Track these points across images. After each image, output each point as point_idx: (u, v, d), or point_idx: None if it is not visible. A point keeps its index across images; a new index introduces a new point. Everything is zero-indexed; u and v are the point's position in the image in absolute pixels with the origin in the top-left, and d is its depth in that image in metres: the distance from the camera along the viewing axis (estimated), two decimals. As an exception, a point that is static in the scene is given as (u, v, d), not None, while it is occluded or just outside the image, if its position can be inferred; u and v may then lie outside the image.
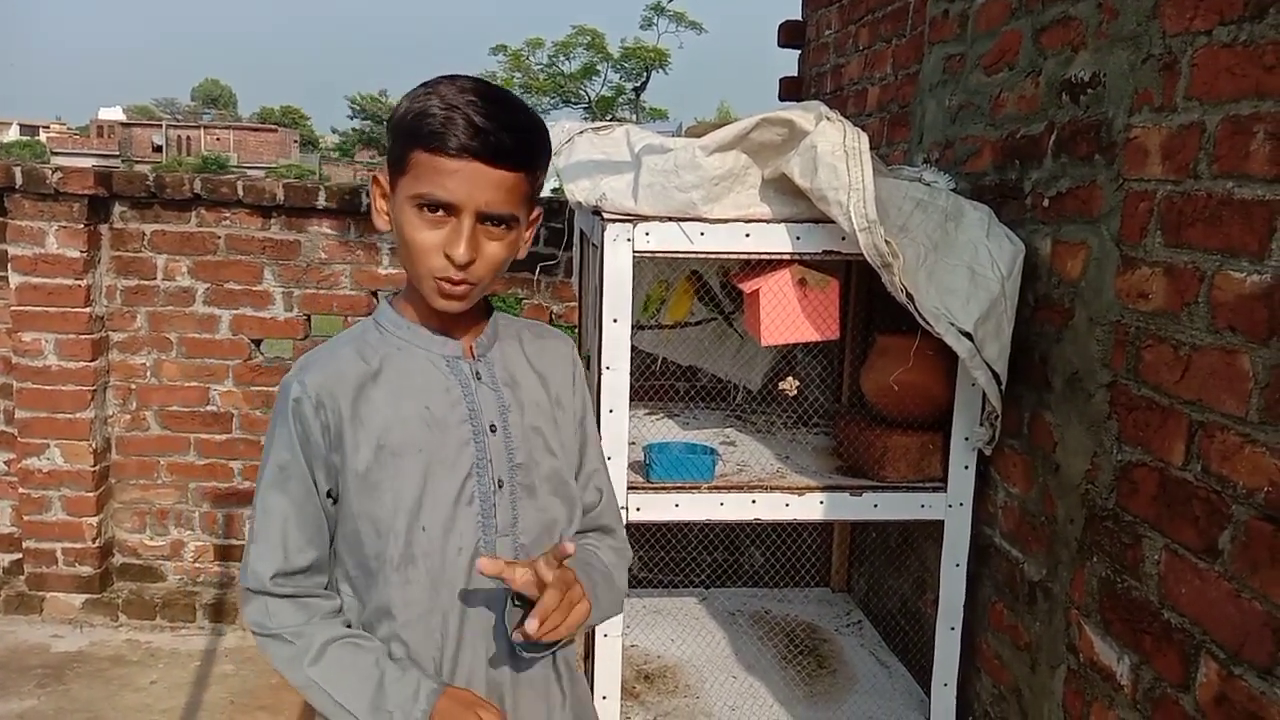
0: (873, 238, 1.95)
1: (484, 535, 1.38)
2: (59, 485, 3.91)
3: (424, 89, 1.29)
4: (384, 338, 1.41)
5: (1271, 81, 1.43)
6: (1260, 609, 1.42)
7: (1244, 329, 1.47)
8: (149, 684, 3.55)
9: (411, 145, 1.27)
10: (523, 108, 1.32)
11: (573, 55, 41.34)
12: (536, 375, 1.48)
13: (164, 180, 3.88)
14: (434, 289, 1.32)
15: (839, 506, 2.29)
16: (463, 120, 1.23)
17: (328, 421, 1.35)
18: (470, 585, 1.38)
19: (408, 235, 1.30)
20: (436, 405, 1.38)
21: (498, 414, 1.41)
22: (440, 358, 1.40)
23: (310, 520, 1.38)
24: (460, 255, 1.27)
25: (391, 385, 1.38)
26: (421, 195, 1.27)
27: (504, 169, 1.27)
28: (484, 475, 1.39)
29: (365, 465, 1.35)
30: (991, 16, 2.35)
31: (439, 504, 1.36)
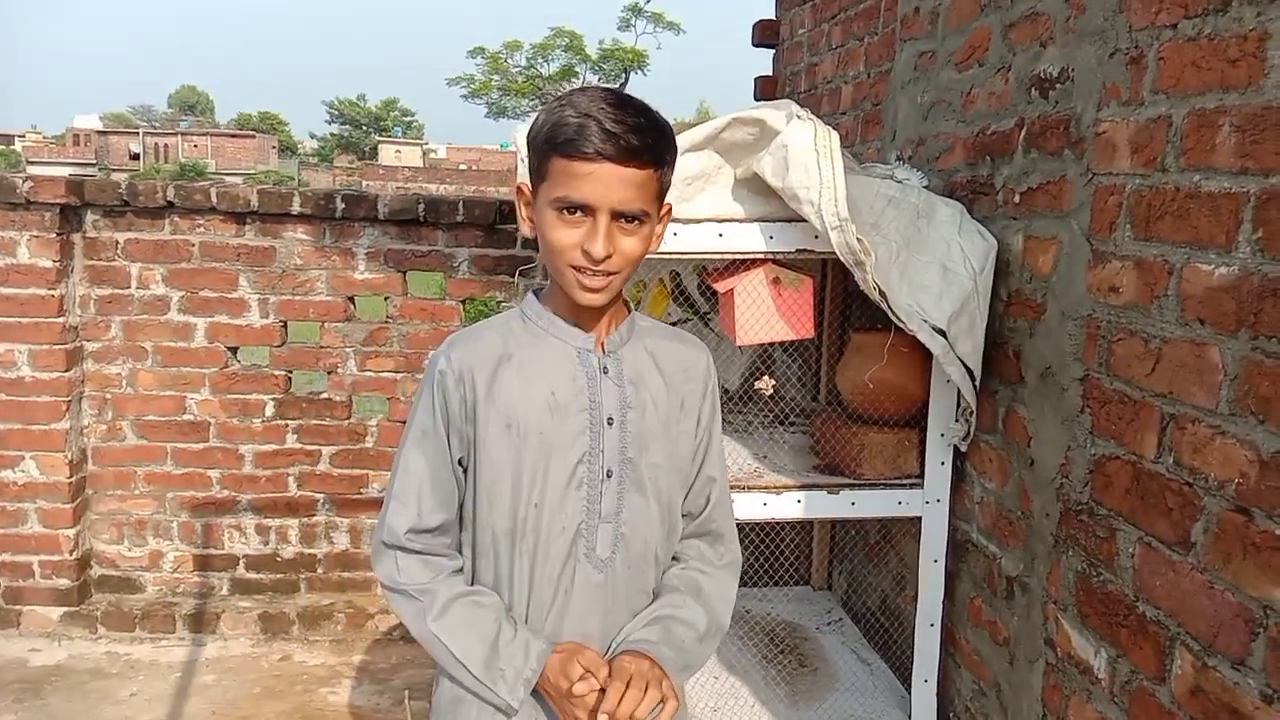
0: (844, 236, 1.95)
1: (587, 519, 1.48)
2: (35, 498, 3.87)
3: (558, 101, 1.40)
4: (525, 325, 1.52)
5: (1235, 74, 1.44)
6: (1233, 600, 1.43)
7: (1213, 321, 1.48)
8: (129, 696, 3.52)
9: (549, 153, 1.37)
10: (648, 111, 1.40)
11: (551, 57, 41.33)
12: (663, 378, 1.55)
13: (137, 188, 3.85)
14: (575, 282, 1.41)
15: (816, 505, 2.29)
16: (595, 126, 1.32)
17: (465, 395, 1.47)
18: (568, 562, 1.48)
19: (549, 236, 1.40)
20: (561, 392, 1.48)
21: (618, 409, 1.50)
22: (572, 348, 1.50)
23: (443, 484, 1.50)
24: (598, 250, 1.36)
25: (524, 369, 1.48)
26: (560, 198, 1.37)
27: (634, 168, 1.35)
28: (594, 463, 1.48)
29: (493, 440, 1.46)
30: (961, 13, 2.35)
31: (551, 484, 1.47)
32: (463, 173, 39.11)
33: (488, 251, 3.94)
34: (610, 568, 1.50)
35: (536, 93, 40.96)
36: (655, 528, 1.55)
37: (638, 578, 1.54)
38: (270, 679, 3.63)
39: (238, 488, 4.02)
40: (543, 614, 1.49)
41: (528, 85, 40.99)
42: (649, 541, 1.54)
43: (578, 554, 1.49)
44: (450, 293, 3.97)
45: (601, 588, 1.50)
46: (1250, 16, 1.41)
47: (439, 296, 3.96)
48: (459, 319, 3.97)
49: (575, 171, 1.35)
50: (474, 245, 3.93)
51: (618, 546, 1.51)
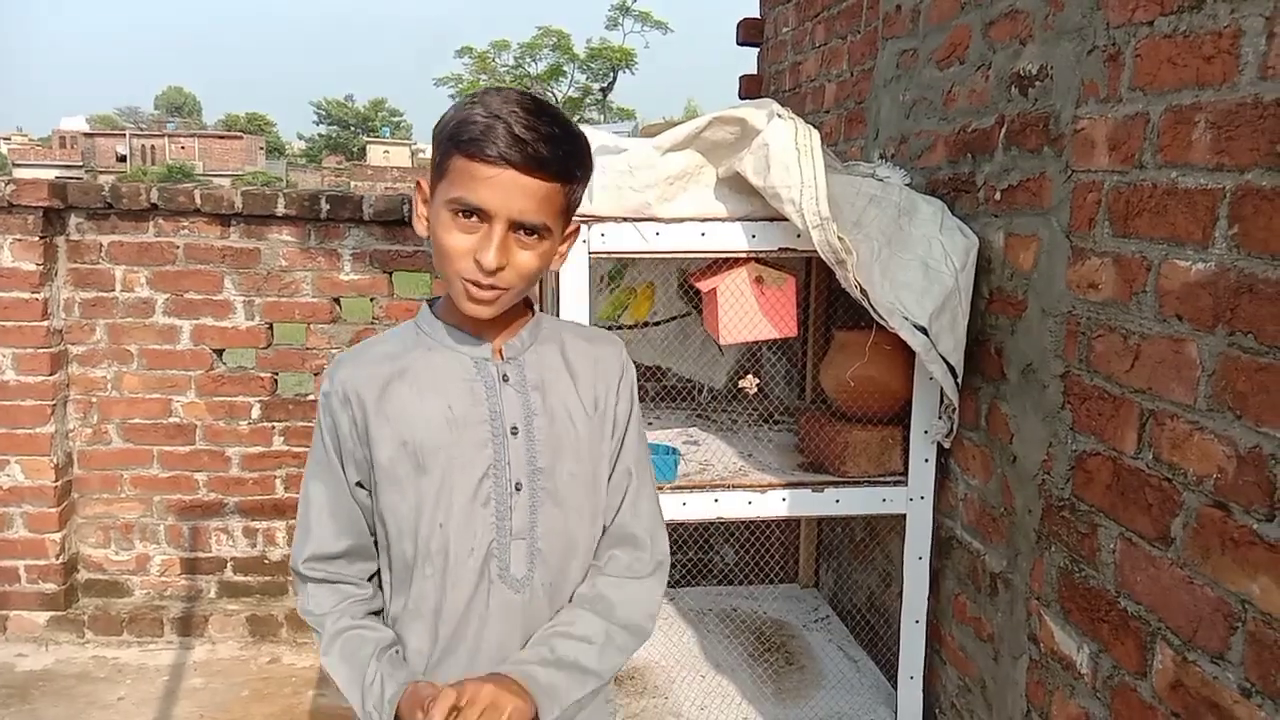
0: (825, 234, 1.95)
1: (498, 537, 1.40)
2: (20, 502, 3.86)
3: (469, 98, 1.32)
4: (419, 337, 1.45)
5: (1211, 71, 1.44)
6: (1212, 595, 1.43)
7: (1190, 317, 1.48)
8: (116, 700, 3.51)
9: (451, 151, 1.29)
10: (564, 120, 1.33)
11: (539, 57, 41.25)
12: (574, 380, 1.48)
13: (120, 190, 3.83)
14: (462, 292, 1.34)
15: (801, 503, 2.29)
16: (503, 129, 1.25)
17: (355, 416, 1.40)
18: (481, 584, 1.40)
19: (441, 238, 1.32)
20: (458, 404, 1.40)
21: (522, 417, 1.42)
22: (468, 358, 1.43)
23: (344, 509, 1.44)
24: (489, 261, 1.29)
25: (417, 383, 1.41)
26: (456, 200, 1.29)
27: (540, 179, 1.28)
28: (501, 477, 1.40)
29: (388, 460, 1.39)
30: (942, 11, 2.36)
31: (455, 503, 1.39)
32: (451, 172, 38.97)
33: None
34: (528, 587, 1.41)
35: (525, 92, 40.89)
36: (575, 541, 1.46)
37: (560, 595, 1.45)
38: (259, 681, 3.62)
39: (225, 490, 4.01)
40: (460, 641, 1.41)
41: (515, 84, 40.95)
42: (570, 555, 1.45)
43: (490, 575, 1.40)
44: (436, 292, 3.96)
45: (521, 609, 1.41)
46: (1224, 13, 1.41)
47: (425, 297, 3.96)
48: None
49: (476, 173, 1.27)
50: (460, 246, 3.93)
51: (535, 563, 1.41)
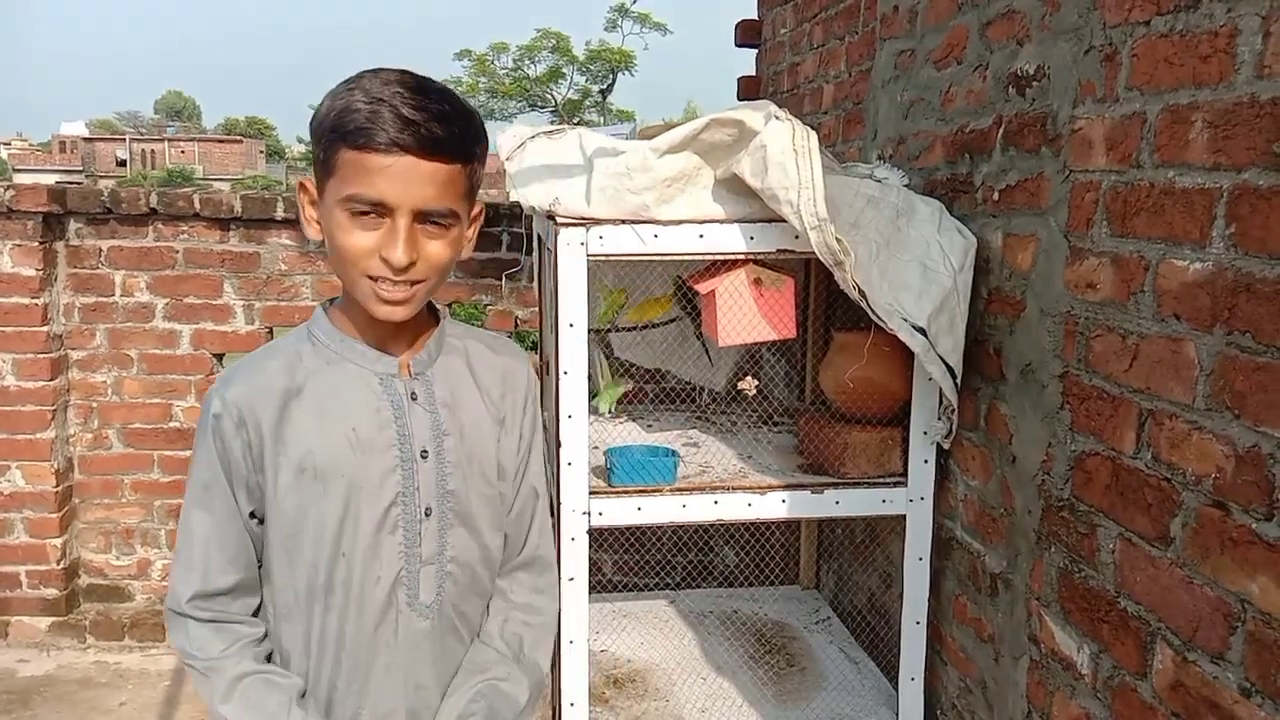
0: (823, 236, 1.95)
1: (407, 565, 1.33)
2: (21, 507, 3.87)
3: (345, 85, 1.22)
4: (316, 350, 1.34)
5: (1207, 71, 1.44)
6: (1211, 595, 1.43)
7: (1188, 317, 1.48)
8: (118, 705, 3.52)
9: (337, 144, 1.19)
10: (453, 96, 1.25)
11: (538, 59, 41.31)
12: (481, 394, 1.41)
13: (119, 195, 3.84)
14: (371, 295, 1.24)
15: (801, 504, 2.29)
16: (390, 113, 1.16)
17: (249, 440, 1.29)
18: (388, 614, 1.33)
19: (339, 240, 1.22)
20: (363, 427, 1.31)
21: (432, 438, 1.34)
22: (373, 375, 1.33)
23: (233, 541, 1.31)
24: (398, 258, 1.20)
25: (317, 403, 1.31)
26: (351, 196, 1.19)
27: (439, 161, 1.19)
28: (410, 503, 1.33)
29: (287, 489, 1.28)
30: (939, 11, 2.36)
31: (361, 531, 1.30)
32: (451, 175, 39.00)
33: (473, 255, 3.92)
34: (436, 612, 1.35)
35: (524, 94, 40.96)
36: (482, 562, 1.40)
37: (467, 618, 1.40)
38: (260, 686, 3.62)
39: (225, 495, 4.01)
40: (363, 674, 1.32)
41: (515, 87, 40.97)
42: (477, 577, 1.40)
43: (398, 604, 1.32)
44: (436, 296, 3.96)
45: (429, 635, 1.35)
46: (1220, 13, 1.41)
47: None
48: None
49: (368, 165, 1.16)
50: (459, 249, 3.93)
51: (443, 588, 1.35)
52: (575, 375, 2.12)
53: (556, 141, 2.27)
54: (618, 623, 2.94)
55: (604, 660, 2.72)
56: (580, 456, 2.15)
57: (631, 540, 3.92)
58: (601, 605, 3.05)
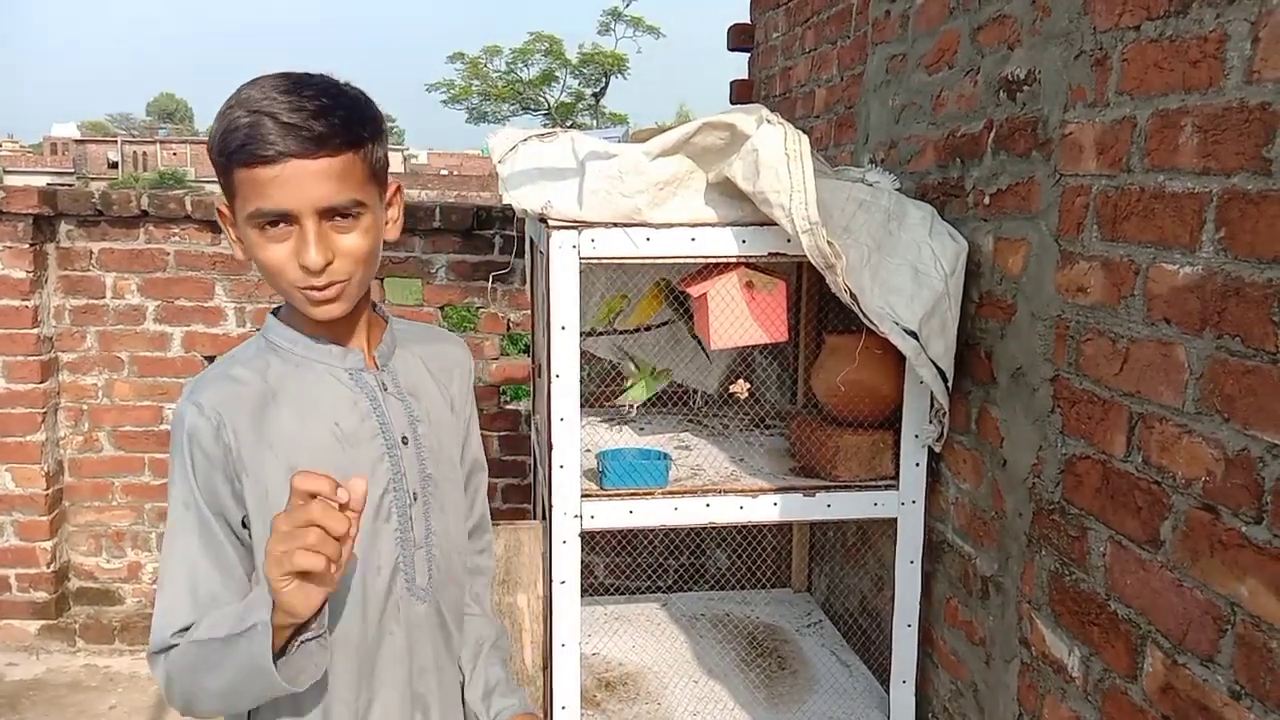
0: (815, 239, 1.96)
1: (403, 550, 1.35)
2: (11, 510, 3.85)
3: (228, 102, 1.21)
4: (281, 356, 1.33)
5: (1197, 76, 1.45)
6: (1201, 598, 1.44)
7: (1178, 321, 1.49)
8: (108, 709, 3.50)
9: (230, 166, 1.19)
10: (332, 86, 1.23)
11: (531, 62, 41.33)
12: (435, 382, 1.44)
13: (110, 198, 3.84)
14: (304, 301, 1.25)
15: (793, 507, 2.29)
16: (269, 121, 1.15)
17: (229, 443, 1.26)
18: (389, 603, 1.34)
19: (258, 257, 1.23)
20: (346, 421, 1.32)
21: (408, 425, 1.37)
22: (343, 371, 1.34)
23: (224, 562, 1.27)
24: (313, 260, 1.20)
25: (296, 404, 1.30)
26: (254, 213, 1.20)
27: (326, 156, 1.18)
28: (400, 489, 1.35)
29: (277, 491, 1.24)
30: (931, 16, 2.36)
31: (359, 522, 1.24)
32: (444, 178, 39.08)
33: (465, 258, 3.94)
34: (431, 594, 1.38)
35: (517, 97, 40.96)
36: (457, 540, 1.45)
37: (455, 596, 1.45)
38: (250, 689, 3.61)
39: (216, 498, 4.00)
40: (369, 667, 1.34)
41: (508, 90, 40.97)
42: (454, 556, 1.44)
43: (398, 590, 1.34)
44: (428, 299, 3.96)
45: (427, 617, 1.38)
46: (1210, 18, 1.42)
47: (417, 303, 3.96)
48: (437, 325, 3.97)
49: (260, 179, 1.17)
50: (451, 251, 3.93)
51: (433, 571, 1.38)
52: (567, 378, 2.12)
53: (549, 145, 2.27)
54: (609, 626, 2.94)
55: (596, 663, 2.72)
56: (572, 459, 2.15)
57: (623, 543, 3.92)
58: (593, 608, 3.05)
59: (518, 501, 4.08)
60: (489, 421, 4.05)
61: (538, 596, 2.56)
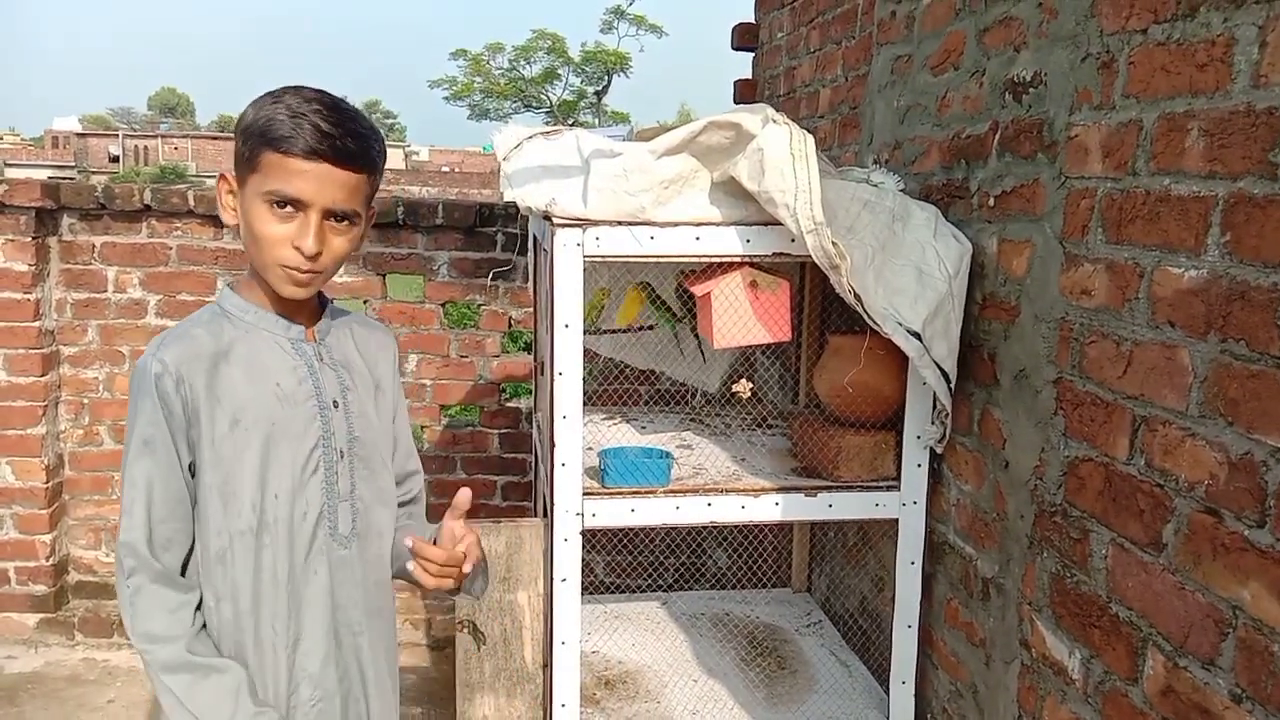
0: (820, 239, 1.96)
1: (328, 500, 1.54)
2: (10, 503, 3.84)
3: (270, 98, 1.42)
4: (232, 321, 1.52)
5: (1204, 79, 1.45)
6: (1203, 601, 1.44)
7: (1183, 324, 1.49)
8: (106, 703, 3.50)
9: (262, 146, 1.39)
10: (361, 116, 1.46)
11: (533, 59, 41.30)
12: (363, 360, 1.65)
13: (113, 191, 3.83)
14: (283, 277, 1.45)
15: (794, 507, 2.29)
16: (310, 126, 1.37)
17: (186, 396, 1.45)
18: (314, 544, 1.53)
19: (258, 229, 1.43)
20: (285, 382, 1.52)
21: (339, 391, 1.57)
22: (285, 340, 1.54)
23: (174, 495, 1.47)
24: (309, 247, 1.41)
25: (244, 364, 1.50)
26: (273, 192, 1.40)
27: (349, 170, 1.42)
28: (329, 446, 1.55)
29: (220, 439, 1.46)
30: (937, 17, 2.36)
31: (289, 473, 1.50)
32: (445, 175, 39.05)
33: (467, 254, 3.93)
34: (353, 542, 1.58)
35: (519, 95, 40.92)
36: (381, 497, 1.64)
37: (375, 546, 1.62)
38: (249, 684, 3.61)
39: (216, 492, 4.00)
40: (297, 602, 1.53)
41: (510, 87, 40.94)
42: (380, 511, 1.63)
43: (322, 535, 1.54)
44: (430, 296, 3.96)
45: (348, 562, 1.57)
46: (1218, 22, 1.42)
47: (419, 300, 3.95)
48: (439, 321, 3.97)
49: (290, 168, 1.38)
50: (453, 248, 3.93)
51: (356, 521, 1.58)
52: (570, 376, 2.12)
53: (554, 142, 2.27)
54: (609, 624, 2.95)
55: (595, 661, 2.72)
56: (574, 457, 2.15)
57: (623, 542, 3.92)
58: (593, 606, 3.06)
59: (518, 499, 4.07)
60: (490, 419, 4.05)
61: (538, 594, 2.56)
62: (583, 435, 2.17)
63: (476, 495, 1.88)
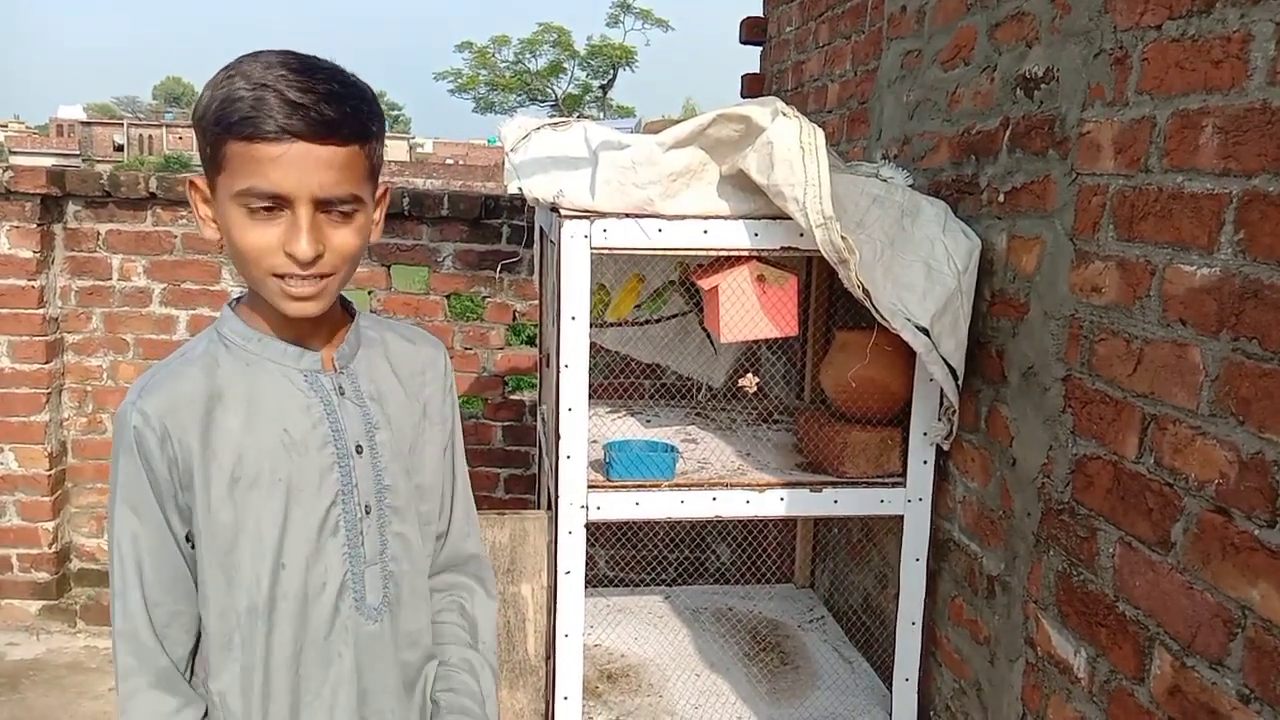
0: (829, 234, 1.95)
1: (351, 567, 1.27)
2: (13, 490, 3.85)
3: (224, 72, 1.13)
4: (231, 353, 1.24)
5: (1219, 76, 1.44)
6: (1211, 600, 1.43)
7: (1194, 322, 1.48)
8: (107, 690, 3.50)
9: (223, 136, 1.11)
10: (340, 72, 1.15)
11: (539, 53, 41.26)
12: (402, 385, 1.35)
13: (119, 179, 3.83)
14: (279, 293, 1.16)
15: (799, 503, 2.29)
16: (275, 98, 1.08)
17: (175, 455, 1.19)
18: (336, 620, 1.27)
19: (238, 240, 1.14)
20: (295, 427, 1.23)
21: (364, 433, 1.28)
22: (297, 372, 1.25)
23: (169, 567, 1.23)
24: (304, 251, 1.12)
25: (243, 407, 1.22)
26: (245, 191, 1.11)
27: (333, 144, 1.11)
28: (350, 501, 1.26)
29: (220, 502, 1.20)
30: (948, 11, 2.35)
31: (302, 537, 1.24)
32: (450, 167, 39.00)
33: (472, 246, 3.93)
34: (384, 615, 1.30)
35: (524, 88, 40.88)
36: (421, 556, 1.36)
37: (414, 616, 1.35)
38: (250, 674, 3.61)
39: (219, 482, 4.00)
40: (317, 685, 1.27)
41: (515, 80, 40.90)
42: (419, 572, 1.36)
43: (345, 609, 1.27)
44: (434, 287, 3.96)
45: (378, 638, 1.30)
46: (1234, 18, 1.41)
47: (423, 291, 3.95)
48: (443, 313, 3.96)
49: (259, 156, 1.09)
50: (458, 240, 3.92)
51: (388, 589, 1.30)
52: (576, 368, 2.11)
53: (562, 134, 2.26)
54: (612, 618, 2.94)
55: (598, 654, 2.72)
56: (579, 450, 2.15)
57: (626, 535, 3.92)
58: (596, 600, 3.05)
59: (521, 492, 4.07)
60: (493, 411, 4.04)
61: (542, 586, 2.55)
62: (588, 428, 2.16)
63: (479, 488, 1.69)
